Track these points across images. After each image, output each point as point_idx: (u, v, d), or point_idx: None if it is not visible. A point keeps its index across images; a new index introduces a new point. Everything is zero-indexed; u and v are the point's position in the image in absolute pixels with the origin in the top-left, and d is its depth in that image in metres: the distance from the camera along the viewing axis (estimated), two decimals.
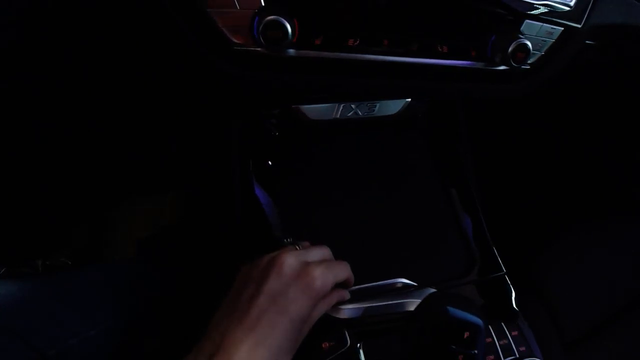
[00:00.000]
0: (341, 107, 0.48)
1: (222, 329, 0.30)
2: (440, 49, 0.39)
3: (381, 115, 0.50)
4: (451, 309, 0.28)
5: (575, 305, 0.59)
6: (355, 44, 0.37)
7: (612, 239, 0.65)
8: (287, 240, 0.44)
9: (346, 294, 0.39)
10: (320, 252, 0.37)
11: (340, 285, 0.38)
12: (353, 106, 0.48)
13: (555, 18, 0.42)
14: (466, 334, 0.28)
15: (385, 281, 0.45)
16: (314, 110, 0.47)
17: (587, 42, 0.52)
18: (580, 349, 0.56)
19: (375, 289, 0.44)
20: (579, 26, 0.44)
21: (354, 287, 0.41)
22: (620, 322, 0.59)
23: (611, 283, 0.61)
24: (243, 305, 0.31)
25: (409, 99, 0.50)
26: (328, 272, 0.34)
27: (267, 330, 0.30)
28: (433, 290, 0.43)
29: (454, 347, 0.28)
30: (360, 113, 0.49)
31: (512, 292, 0.48)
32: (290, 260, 0.33)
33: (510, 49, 0.39)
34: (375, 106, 0.49)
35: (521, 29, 0.41)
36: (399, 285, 0.45)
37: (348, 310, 0.41)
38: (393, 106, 0.50)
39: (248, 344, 0.29)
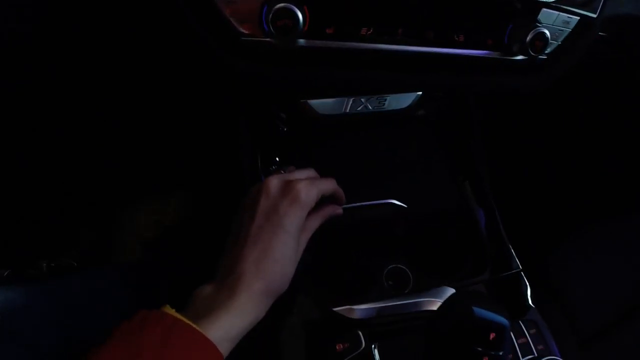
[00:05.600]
0: (351, 102, 0.46)
1: (230, 253, 0.35)
2: (456, 38, 0.37)
3: (391, 109, 0.49)
4: (476, 309, 0.27)
5: (591, 302, 0.58)
6: (369, 33, 0.35)
7: (628, 236, 0.64)
8: (272, 167, 0.47)
9: (338, 209, 0.43)
10: (304, 172, 0.41)
11: (333, 203, 0.42)
12: (363, 100, 0.47)
13: (572, 7, 0.41)
14: (492, 335, 0.27)
15: (377, 201, 0.48)
16: (323, 104, 0.46)
17: (600, 33, 0.52)
18: (596, 346, 0.55)
19: (366, 208, 0.47)
20: (595, 16, 0.44)
21: (346, 205, 0.43)
22: (636, 319, 0.58)
23: (627, 280, 0.60)
24: (244, 229, 0.35)
25: (420, 92, 0.49)
26: (311, 184, 0.37)
27: (268, 243, 0.34)
28: (448, 288, 0.41)
29: (479, 349, 0.27)
30: (370, 107, 0.48)
31: (527, 288, 0.47)
32: (275, 181, 0.37)
33: (528, 38, 0.38)
34: (386, 100, 0.48)
35: (538, 17, 0.39)
36: (390, 205, 0.49)
37: (362, 311, 0.40)
38: (403, 100, 0.49)
39: (253, 258, 0.33)
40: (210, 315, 0.30)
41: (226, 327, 0.30)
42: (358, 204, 0.47)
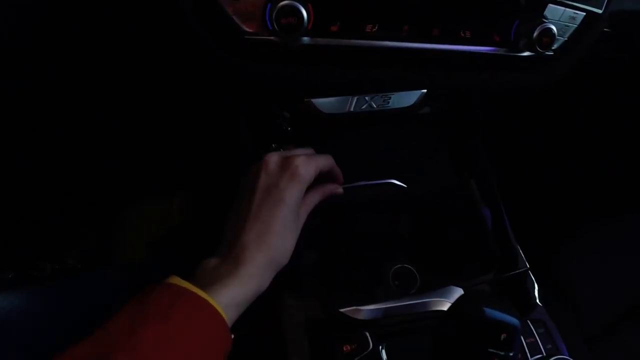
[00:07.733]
0: (355, 100, 0.46)
1: (232, 229, 0.36)
2: (462, 34, 0.37)
3: (396, 107, 0.48)
4: (487, 310, 0.27)
5: (598, 300, 0.58)
6: (374, 30, 0.35)
7: (633, 234, 0.64)
8: (273, 145, 0.48)
9: (338, 188, 0.44)
10: (302, 150, 0.42)
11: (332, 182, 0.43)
12: (367, 98, 0.46)
13: (578, 3, 0.41)
14: (503, 336, 0.27)
15: (377, 181, 0.48)
16: (327, 103, 0.45)
17: (605, 30, 0.51)
18: (603, 343, 0.55)
19: (367, 187, 0.48)
20: (600, 11, 0.43)
21: (346, 185, 0.44)
22: None
23: (633, 278, 0.60)
24: (245, 205, 0.36)
25: (425, 90, 0.48)
26: (309, 159, 0.38)
27: (269, 218, 0.35)
28: (456, 288, 0.41)
29: (491, 350, 0.26)
30: (374, 105, 0.47)
31: (535, 286, 0.46)
32: (274, 158, 0.38)
33: (535, 34, 0.37)
34: (390, 98, 0.47)
35: (545, 13, 0.39)
36: (391, 185, 0.49)
37: (368, 311, 0.39)
38: (408, 98, 0.48)
39: (256, 232, 0.34)
40: (215, 284, 0.31)
41: (231, 294, 0.31)
42: (358, 183, 0.47)
